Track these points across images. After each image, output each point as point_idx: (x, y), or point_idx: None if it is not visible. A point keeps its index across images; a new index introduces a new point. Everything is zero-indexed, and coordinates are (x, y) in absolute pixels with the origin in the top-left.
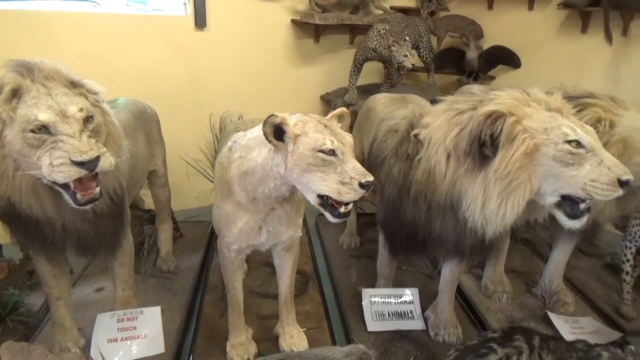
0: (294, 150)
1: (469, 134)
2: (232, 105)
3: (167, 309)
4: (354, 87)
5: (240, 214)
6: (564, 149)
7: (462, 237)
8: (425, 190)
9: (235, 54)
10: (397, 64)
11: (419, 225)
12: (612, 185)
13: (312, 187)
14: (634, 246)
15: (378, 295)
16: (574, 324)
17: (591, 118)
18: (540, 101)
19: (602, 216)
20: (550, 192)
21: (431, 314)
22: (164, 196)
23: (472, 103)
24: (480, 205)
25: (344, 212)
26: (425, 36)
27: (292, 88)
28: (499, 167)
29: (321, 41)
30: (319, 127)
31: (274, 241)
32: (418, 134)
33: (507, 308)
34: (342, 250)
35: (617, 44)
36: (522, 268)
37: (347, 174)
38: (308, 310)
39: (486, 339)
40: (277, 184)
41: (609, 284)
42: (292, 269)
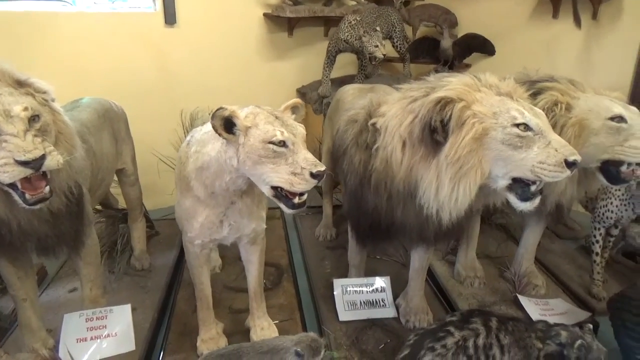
0: (245, 142)
1: (420, 120)
2: (205, 101)
3: (140, 307)
4: (327, 79)
5: (200, 208)
6: (512, 132)
7: (424, 224)
8: (384, 178)
9: (207, 49)
10: (369, 55)
11: (381, 214)
12: (559, 167)
13: (265, 179)
14: (603, 227)
15: (349, 285)
16: (544, 305)
17: (548, 101)
18: (491, 86)
19: (564, 198)
20: (501, 176)
21: (402, 302)
22: (135, 194)
23: (424, 90)
24: (434, 191)
25: (298, 202)
26: (399, 26)
27: (267, 82)
28: (450, 152)
29: (295, 34)
30: (270, 118)
31: (236, 235)
32: (375, 122)
33: (479, 293)
34: (318, 242)
35: (588, 28)
36: (496, 253)
37: (298, 164)
38: (281, 303)
39: (444, 322)
40: (232, 177)
41: (581, 266)
42: (260, 262)
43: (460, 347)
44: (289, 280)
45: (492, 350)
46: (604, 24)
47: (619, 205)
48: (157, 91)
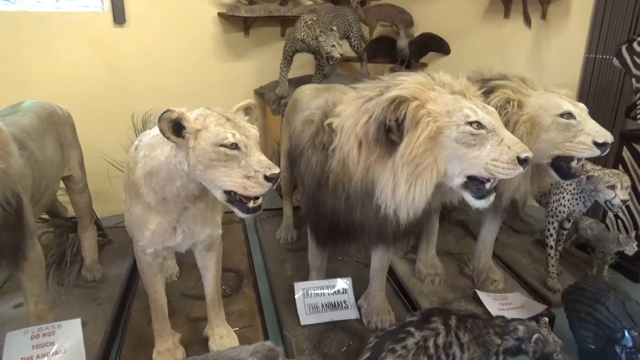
0: (195, 146)
1: (375, 120)
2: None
3: (92, 320)
4: (285, 79)
5: (151, 215)
6: (466, 131)
7: (383, 224)
8: (342, 179)
9: (159, 50)
10: (326, 55)
11: (340, 215)
12: (512, 164)
13: (217, 183)
14: (556, 221)
15: (311, 288)
16: (502, 300)
17: (500, 99)
18: (444, 84)
19: (518, 194)
20: (456, 174)
21: (364, 302)
22: (84, 202)
23: (379, 89)
24: (391, 191)
25: (253, 206)
26: (355, 25)
27: (224, 83)
28: (405, 152)
29: (251, 34)
30: (221, 120)
31: (191, 241)
32: (331, 123)
33: (439, 290)
34: (278, 245)
35: (538, 28)
36: (455, 249)
37: (252, 167)
38: (241, 309)
39: (404, 323)
40: (183, 182)
41: (538, 259)
42: (217, 269)
43: (421, 347)
44: (249, 285)
45: (452, 348)
46: (553, 24)
47: (571, 199)
48: (106, 93)
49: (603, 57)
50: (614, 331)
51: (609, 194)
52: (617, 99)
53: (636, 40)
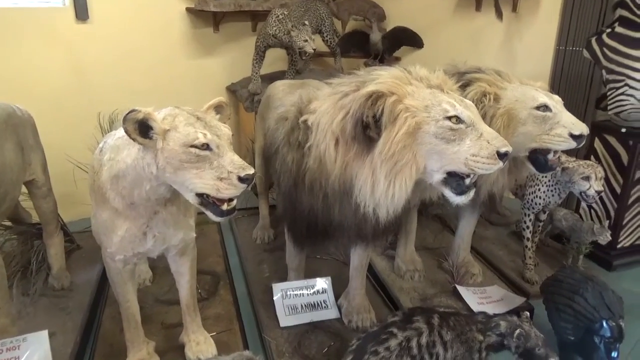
0: (163, 147)
1: (351, 116)
2: (126, 102)
3: (60, 331)
4: (257, 75)
5: (120, 221)
6: (445, 126)
7: (362, 222)
8: (319, 177)
9: (125, 46)
10: (298, 50)
11: (318, 214)
12: (492, 159)
13: (189, 186)
14: (532, 213)
15: (289, 289)
16: (481, 294)
17: (477, 92)
18: (421, 78)
19: (496, 187)
20: (436, 170)
21: (344, 301)
22: (48, 207)
23: (355, 84)
24: (370, 189)
25: (227, 209)
26: (328, 20)
27: (194, 80)
28: (384, 148)
29: (221, 30)
30: (191, 120)
31: (163, 246)
32: (306, 120)
33: (419, 286)
34: (255, 245)
35: (509, 20)
36: (434, 244)
37: (225, 168)
38: (218, 313)
39: (387, 324)
40: (152, 185)
41: (514, 251)
42: (191, 273)
43: (404, 348)
44: (225, 288)
45: (436, 348)
46: (523, 17)
47: (546, 191)
48: (70, 93)
49: (573, 49)
50: (592, 322)
51: (584, 185)
52: (588, 90)
53: (605, 32)
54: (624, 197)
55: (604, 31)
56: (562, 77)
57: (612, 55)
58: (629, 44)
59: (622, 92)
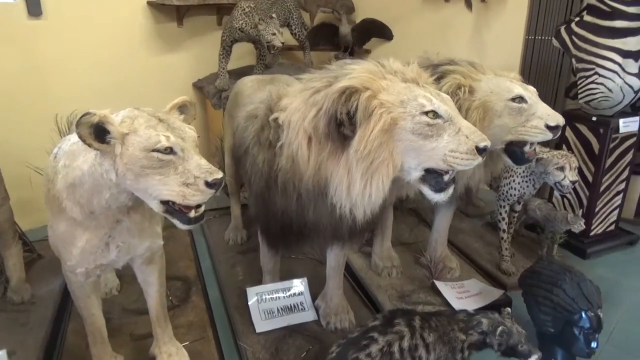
0: (122, 152)
1: (325, 114)
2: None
3: (21, 349)
4: (224, 71)
5: (79, 232)
6: (422, 121)
7: (338, 222)
8: (292, 178)
9: (83, 43)
10: (267, 43)
11: (292, 216)
12: (471, 154)
13: (152, 193)
14: (507, 204)
15: (265, 292)
16: (459, 288)
17: (451, 85)
18: (396, 72)
19: (473, 181)
20: (413, 167)
21: (321, 303)
22: (4, 216)
23: (327, 80)
24: (346, 189)
25: (195, 216)
26: (296, 12)
27: (158, 77)
28: (359, 146)
29: (185, 24)
30: (152, 122)
31: (127, 256)
32: (277, 117)
33: (397, 283)
34: (228, 247)
35: (478, 10)
36: (410, 239)
37: (191, 173)
38: (191, 321)
39: (367, 328)
40: (113, 193)
41: (490, 242)
42: (160, 282)
43: (386, 353)
44: (198, 294)
45: (418, 351)
46: (492, 7)
47: (521, 182)
48: (24, 93)
49: (542, 39)
50: (571, 313)
51: (559, 176)
52: (557, 79)
53: (574, 21)
54: (596, 185)
55: (573, 20)
56: (532, 67)
57: (581, 43)
58: (597, 33)
59: (592, 81)
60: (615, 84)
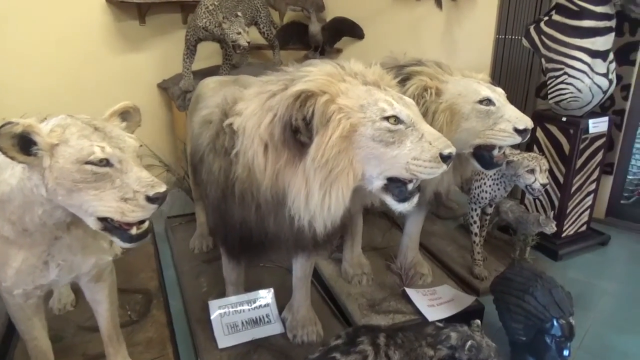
0: (52, 165)
1: (279, 120)
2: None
3: None
4: (189, 71)
5: (13, 251)
6: (382, 127)
7: (300, 233)
8: (249, 187)
9: (36, 43)
10: (232, 43)
11: (251, 227)
12: (434, 162)
13: (88, 210)
14: (479, 207)
15: (228, 305)
16: (431, 295)
17: (417, 87)
18: (356, 74)
19: (442, 187)
20: (375, 176)
21: (288, 315)
22: None
23: (283, 83)
24: (304, 200)
25: (137, 233)
26: (264, 11)
27: (120, 78)
28: (316, 155)
29: (148, 22)
30: (86, 131)
31: (71, 275)
32: (231, 123)
33: (367, 291)
34: (193, 256)
35: (449, 9)
36: (382, 243)
37: (130, 187)
38: (150, 337)
39: (328, 348)
40: (46, 209)
41: (463, 246)
42: (110, 300)
43: None
44: (159, 307)
45: None
46: (463, 5)
47: (492, 185)
48: None
49: (512, 38)
50: (543, 321)
51: (529, 179)
52: (528, 79)
53: (543, 20)
54: (567, 186)
55: (542, 19)
56: (503, 66)
57: (550, 43)
58: (566, 32)
59: (561, 81)
60: (585, 84)
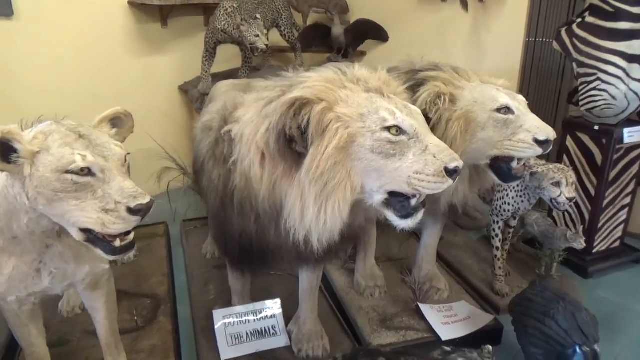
0: (32, 174)
1: (273, 128)
2: (62, 107)
3: None
4: (207, 74)
5: (4, 258)
6: (383, 138)
7: (300, 246)
8: (248, 197)
9: (59, 45)
10: (250, 45)
11: (251, 237)
12: (438, 176)
13: (70, 220)
14: (501, 220)
15: (233, 315)
16: (447, 312)
17: (430, 93)
18: (359, 80)
19: (457, 198)
20: (375, 190)
21: (294, 327)
22: None
23: (280, 89)
24: (299, 213)
25: (121, 246)
26: (285, 13)
27: (142, 80)
28: (311, 166)
29: (170, 25)
30: (69, 138)
31: (64, 283)
32: (230, 130)
33: (380, 305)
34: (204, 261)
35: (476, 11)
36: (399, 254)
37: (111, 197)
38: (154, 345)
39: None
40: (31, 217)
41: (484, 259)
42: (108, 308)
43: None
44: (166, 314)
45: None
46: (491, 7)
47: (515, 197)
48: None
49: (543, 41)
50: (564, 348)
51: (554, 192)
52: (560, 84)
53: (575, 22)
54: (599, 199)
55: (574, 21)
56: (533, 70)
57: (583, 47)
58: (600, 35)
59: (594, 87)
60: (619, 90)
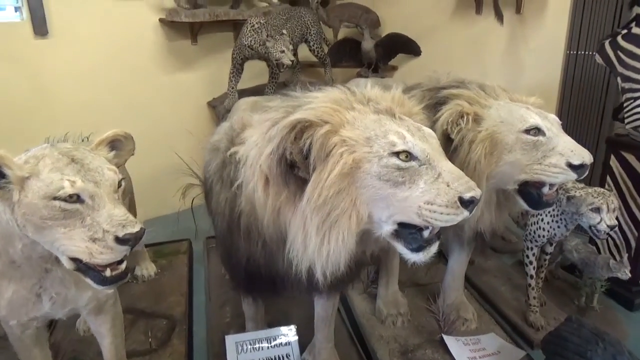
0: (20, 199)
1: (274, 152)
2: (94, 123)
3: None
4: (234, 90)
5: (3, 283)
6: (390, 164)
7: (312, 274)
8: (254, 222)
9: (91, 62)
10: (275, 61)
11: (259, 263)
12: (452, 207)
13: (59, 248)
14: (535, 246)
15: (246, 342)
16: (474, 345)
17: (453, 113)
18: (369, 101)
19: (483, 225)
20: (384, 220)
21: (309, 357)
22: None
23: (285, 110)
24: (302, 243)
25: (112, 275)
26: (314, 27)
27: (171, 96)
28: (313, 194)
29: (200, 41)
30: (60, 162)
31: (66, 308)
32: (235, 152)
33: (401, 334)
34: (224, 281)
35: (513, 23)
36: (425, 279)
37: (100, 226)
38: None
39: None
40: (25, 243)
41: (518, 286)
42: (114, 333)
43: None
44: (180, 336)
45: None
46: (529, 19)
47: (551, 222)
48: (30, 116)
49: (585, 54)
50: None
51: (594, 218)
52: (604, 99)
53: (621, 34)
54: None
55: (619, 33)
56: (574, 85)
57: (628, 60)
58: None
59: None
60: None
